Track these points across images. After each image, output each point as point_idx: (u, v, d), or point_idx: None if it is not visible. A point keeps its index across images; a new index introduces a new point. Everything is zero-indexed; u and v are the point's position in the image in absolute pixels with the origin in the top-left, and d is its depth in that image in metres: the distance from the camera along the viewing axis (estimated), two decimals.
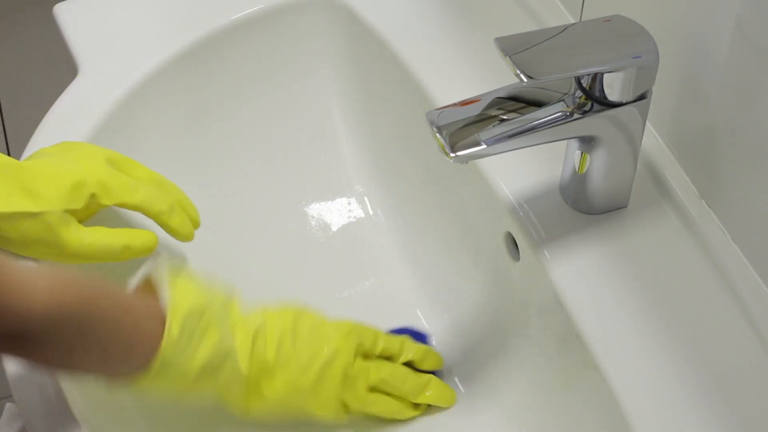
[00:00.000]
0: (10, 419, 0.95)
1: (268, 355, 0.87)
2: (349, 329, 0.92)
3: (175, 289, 0.83)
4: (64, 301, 0.74)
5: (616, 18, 0.86)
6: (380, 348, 0.93)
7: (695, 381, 0.83)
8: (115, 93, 1.02)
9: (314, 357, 0.89)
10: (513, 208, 0.94)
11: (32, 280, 0.73)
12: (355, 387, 0.91)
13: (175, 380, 0.82)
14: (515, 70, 0.81)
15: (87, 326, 0.77)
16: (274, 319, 0.89)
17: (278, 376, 0.88)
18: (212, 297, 0.85)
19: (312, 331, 0.90)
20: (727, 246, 0.89)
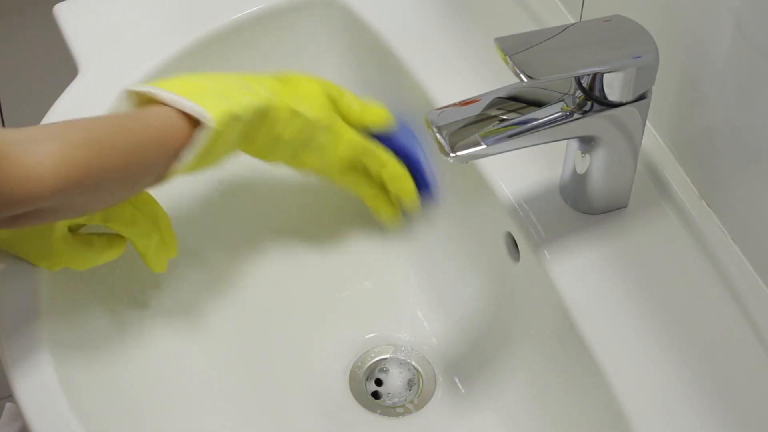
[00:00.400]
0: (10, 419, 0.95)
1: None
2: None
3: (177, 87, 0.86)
4: (75, 171, 0.77)
5: (616, 18, 0.86)
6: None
7: (695, 381, 0.83)
8: (115, 93, 1.02)
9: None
10: (513, 208, 0.94)
11: (38, 164, 0.75)
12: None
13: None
14: (515, 70, 0.81)
15: (105, 178, 0.80)
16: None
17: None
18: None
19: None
20: (727, 246, 0.89)
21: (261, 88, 0.91)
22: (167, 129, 0.84)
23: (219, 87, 0.88)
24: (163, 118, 0.84)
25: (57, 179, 0.77)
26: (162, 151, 0.84)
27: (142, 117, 0.84)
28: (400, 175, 0.99)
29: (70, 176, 0.77)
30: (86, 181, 0.78)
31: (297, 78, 0.96)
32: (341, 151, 0.96)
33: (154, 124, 0.84)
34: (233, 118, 0.86)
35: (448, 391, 0.99)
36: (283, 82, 0.95)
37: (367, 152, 0.98)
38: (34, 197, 0.76)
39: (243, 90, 0.89)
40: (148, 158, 0.83)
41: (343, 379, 1.00)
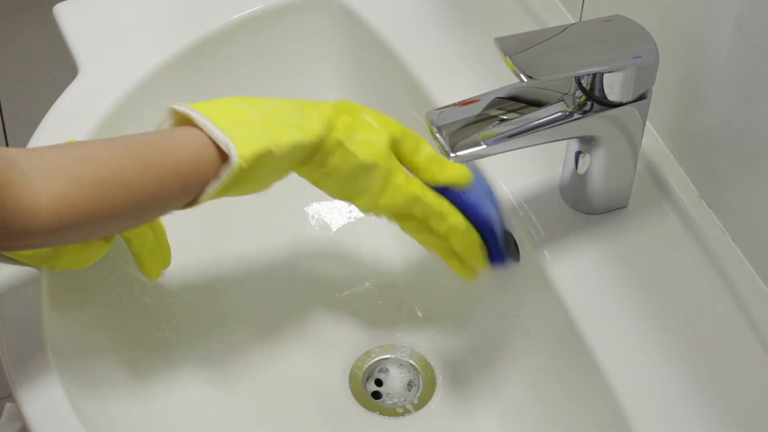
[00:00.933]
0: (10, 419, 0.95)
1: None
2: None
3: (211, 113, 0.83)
4: (71, 212, 0.75)
5: (616, 18, 0.86)
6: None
7: (695, 380, 0.83)
8: (115, 93, 1.02)
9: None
10: (513, 208, 0.94)
11: (37, 201, 0.74)
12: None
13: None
14: (515, 70, 0.81)
15: (108, 217, 0.78)
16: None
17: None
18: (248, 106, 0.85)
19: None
20: (727, 246, 0.89)
21: (316, 120, 0.86)
22: (193, 161, 0.81)
23: (265, 116, 0.84)
24: (191, 148, 0.81)
25: (52, 219, 0.75)
26: (183, 185, 0.81)
27: (166, 145, 0.81)
28: (463, 233, 0.90)
29: (69, 216, 0.76)
30: (88, 220, 0.77)
31: (364, 115, 0.89)
32: (386, 200, 0.89)
33: (177, 155, 0.80)
34: (264, 154, 0.82)
35: (448, 391, 0.99)
36: (349, 113, 0.88)
37: (422, 205, 0.89)
38: (28, 233, 0.75)
39: (292, 122, 0.85)
40: (163, 191, 0.80)
41: (343, 379, 1.00)
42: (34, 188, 0.74)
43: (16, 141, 1.55)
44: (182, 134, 0.82)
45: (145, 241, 0.91)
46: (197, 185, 0.82)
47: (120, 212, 0.79)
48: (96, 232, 0.80)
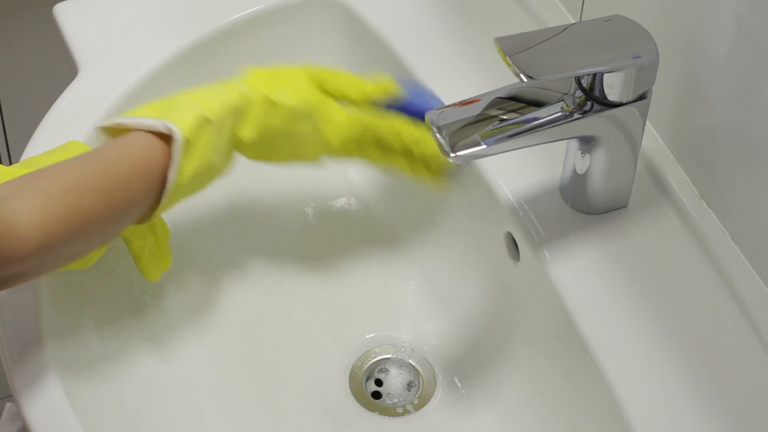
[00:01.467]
0: (10, 419, 0.95)
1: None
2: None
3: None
4: (57, 223, 0.76)
5: (616, 18, 0.86)
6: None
7: (695, 381, 0.83)
8: (115, 93, 1.02)
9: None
10: (513, 208, 0.94)
11: (19, 222, 0.74)
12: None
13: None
14: (515, 70, 0.81)
15: (86, 222, 0.78)
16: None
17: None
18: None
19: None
20: (727, 246, 0.89)
21: (237, 86, 0.89)
22: (146, 153, 0.82)
23: (190, 97, 0.86)
24: (140, 144, 0.82)
25: (40, 235, 0.75)
26: (147, 177, 0.82)
27: (119, 149, 0.82)
28: (419, 138, 0.93)
29: (53, 230, 0.76)
30: (71, 230, 0.77)
31: (279, 69, 0.93)
32: (334, 137, 0.93)
33: (132, 153, 0.82)
34: (202, 122, 0.84)
35: (448, 391, 0.99)
36: (264, 75, 0.92)
37: (370, 127, 0.93)
38: (19, 256, 0.74)
39: (215, 93, 0.87)
40: (132, 189, 0.81)
41: (343, 379, 1.00)
42: (13, 209, 0.74)
43: (16, 141, 1.55)
44: (124, 140, 0.83)
45: (145, 243, 0.91)
46: (158, 178, 0.83)
47: (95, 218, 0.79)
48: (83, 242, 0.80)
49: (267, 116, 0.89)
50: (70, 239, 0.77)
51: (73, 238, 0.78)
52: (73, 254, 0.80)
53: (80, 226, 0.78)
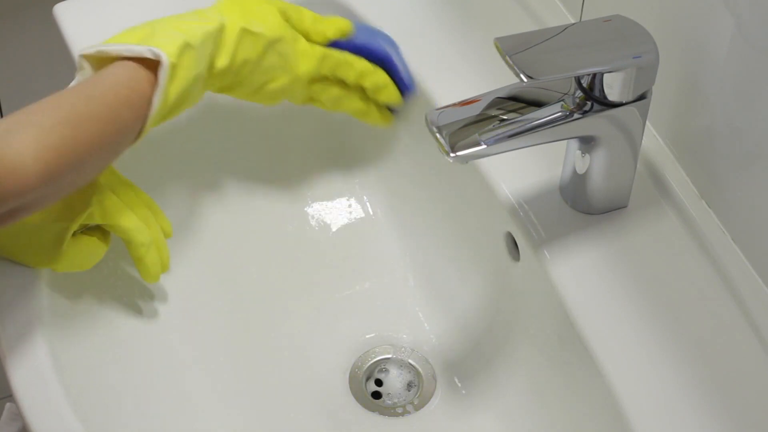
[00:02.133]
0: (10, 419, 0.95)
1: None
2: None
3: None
4: (56, 153, 0.77)
5: (616, 18, 0.86)
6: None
7: (695, 381, 0.83)
8: None
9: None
10: (513, 208, 0.94)
11: (20, 155, 0.76)
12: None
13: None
14: (515, 70, 0.81)
15: (84, 151, 0.80)
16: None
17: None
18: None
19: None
20: (727, 246, 0.89)
21: (213, 15, 0.91)
22: (132, 82, 0.84)
23: (170, 25, 0.88)
24: (125, 73, 0.84)
25: (41, 166, 0.77)
26: (134, 105, 0.84)
27: (104, 79, 0.84)
28: (371, 72, 0.99)
29: (53, 159, 0.77)
30: (69, 159, 0.79)
31: (250, 1, 0.95)
32: (303, 66, 0.96)
33: (118, 82, 0.84)
34: (185, 47, 0.86)
35: (448, 391, 0.99)
36: (236, 4, 0.94)
37: (330, 59, 0.97)
38: (23, 189, 0.76)
39: (194, 21, 0.89)
40: (122, 118, 0.83)
41: (343, 379, 1.00)
42: (12, 145, 0.76)
43: None
44: (110, 71, 0.85)
45: (144, 242, 0.91)
46: (144, 104, 0.84)
47: (91, 146, 0.81)
48: (82, 170, 0.81)
49: (241, 45, 0.92)
50: (70, 168, 0.79)
51: (72, 167, 0.79)
52: (72, 183, 0.82)
53: (77, 155, 0.79)
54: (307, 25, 0.97)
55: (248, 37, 0.92)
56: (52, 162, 0.78)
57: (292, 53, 0.95)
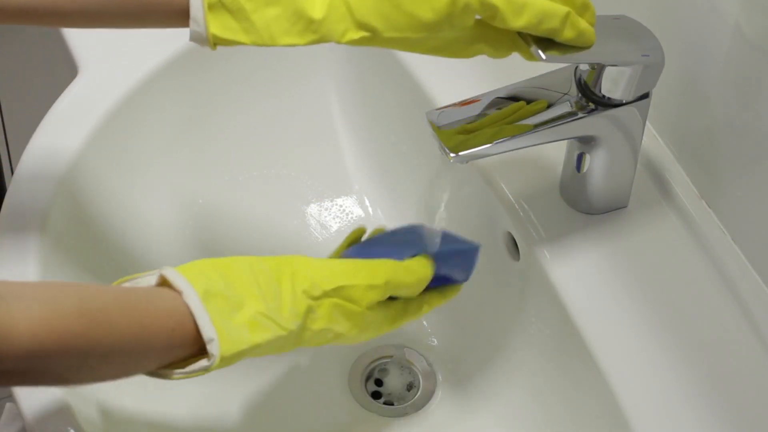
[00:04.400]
0: (10, 419, 0.95)
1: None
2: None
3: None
4: (52, 340, 0.71)
5: (623, 18, 0.86)
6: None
7: (695, 380, 0.83)
8: (115, 93, 1.02)
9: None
10: (513, 208, 0.94)
11: (13, 323, 0.70)
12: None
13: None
14: (533, 49, 0.80)
15: (90, 353, 0.74)
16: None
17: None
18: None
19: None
20: (727, 246, 0.89)
21: (287, 311, 0.80)
22: (175, 325, 0.76)
23: (255, 309, 0.79)
24: (175, 315, 0.77)
25: (32, 342, 0.71)
26: (170, 344, 0.77)
27: (153, 300, 0.77)
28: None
29: (48, 343, 0.71)
30: (68, 351, 0.72)
31: (340, 294, 0.83)
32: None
33: (166, 313, 0.76)
34: (239, 355, 0.78)
35: (448, 392, 0.99)
36: (324, 299, 0.82)
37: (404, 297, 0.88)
38: (5, 357, 0.70)
39: (269, 311, 0.79)
40: (147, 344, 0.76)
41: (342, 379, 1.00)
42: (11, 310, 0.70)
43: (16, 141, 1.55)
44: (162, 296, 0.77)
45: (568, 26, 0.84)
46: (181, 347, 0.77)
47: (102, 352, 0.74)
48: (75, 369, 0.75)
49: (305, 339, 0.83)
50: (68, 359, 0.73)
51: (69, 360, 0.73)
52: (66, 378, 0.75)
53: (80, 351, 0.73)
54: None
55: (318, 336, 0.82)
56: (46, 346, 0.71)
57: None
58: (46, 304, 0.72)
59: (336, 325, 0.82)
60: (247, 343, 0.78)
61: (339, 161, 1.12)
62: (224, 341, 0.77)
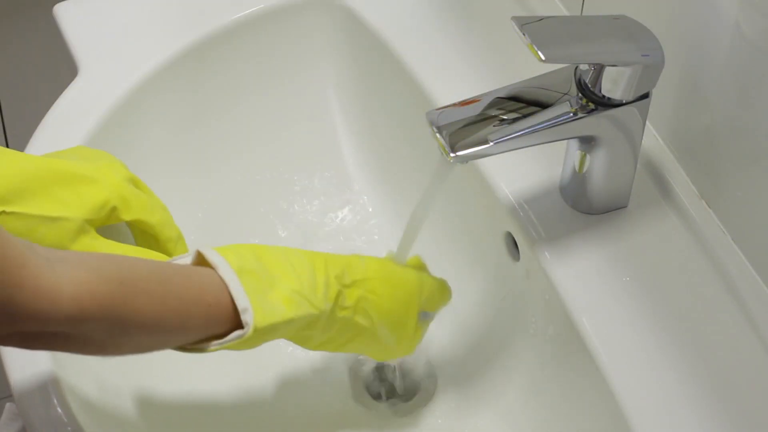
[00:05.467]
0: (10, 419, 0.95)
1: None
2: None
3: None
4: (94, 305, 0.72)
5: (623, 18, 0.86)
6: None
7: (695, 380, 0.83)
8: (115, 93, 1.02)
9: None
10: (513, 208, 0.94)
11: (58, 284, 0.70)
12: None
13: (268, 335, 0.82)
14: (534, 50, 0.80)
15: (130, 321, 0.74)
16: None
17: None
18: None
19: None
20: (727, 246, 0.89)
21: (321, 293, 0.83)
22: (212, 300, 0.78)
23: (290, 286, 0.82)
24: (212, 290, 0.78)
25: (74, 305, 0.71)
26: (208, 316, 0.78)
27: (193, 276, 0.78)
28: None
29: (90, 307, 0.72)
30: (110, 318, 0.73)
31: (369, 284, 0.87)
32: (405, 350, 0.92)
33: (204, 289, 0.78)
34: (273, 329, 0.80)
35: (448, 391, 0.99)
36: (355, 284, 0.86)
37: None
38: (45, 317, 0.71)
39: (303, 290, 0.82)
40: (185, 316, 0.77)
41: (343, 379, 1.00)
42: (56, 272, 0.71)
43: (16, 141, 1.55)
44: (201, 274, 0.79)
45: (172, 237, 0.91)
46: (218, 320, 0.79)
47: (140, 320, 0.75)
48: (115, 336, 0.76)
49: (334, 328, 0.86)
50: (108, 325, 0.74)
51: (110, 326, 0.74)
52: (105, 345, 0.76)
53: (122, 321, 0.74)
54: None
55: (347, 324, 0.86)
56: (88, 311, 0.72)
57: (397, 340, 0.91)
58: (90, 270, 0.73)
59: (361, 317, 0.85)
60: (281, 316, 0.80)
61: (339, 161, 1.12)
62: (258, 312, 0.79)
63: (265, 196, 1.09)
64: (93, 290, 0.72)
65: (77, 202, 0.86)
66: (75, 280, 0.71)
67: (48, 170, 0.86)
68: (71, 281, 0.71)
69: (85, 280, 0.72)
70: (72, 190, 0.86)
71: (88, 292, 0.72)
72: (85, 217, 0.86)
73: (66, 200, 0.86)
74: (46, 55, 1.47)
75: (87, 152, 0.92)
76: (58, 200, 0.86)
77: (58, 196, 0.86)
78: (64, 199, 0.86)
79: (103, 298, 0.72)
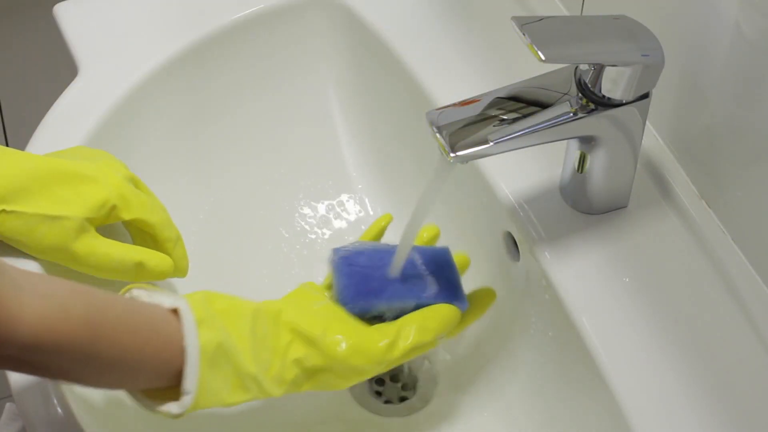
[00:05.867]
0: (10, 419, 0.95)
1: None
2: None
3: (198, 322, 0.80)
4: (49, 340, 0.72)
5: (623, 18, 0.86)
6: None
7: (695, 381, 0.83)
8: (115, 93, 1.02)
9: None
10: (513, 208, 0.94)
11: (19, 313, 0.71)
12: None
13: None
14: (532, 49, 0.80)
15: (91, 354, 0.75)
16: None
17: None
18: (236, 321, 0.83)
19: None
20: (727, 246, 0.89)
21: (275, 384, 0.84)
22: (168, 357, 0.79)
23: (249, 357, 0.82)
24: (172, 349, 0.79)
25: (29, 336, 0.72)
26: (154, 370, 0.79)
27: (159, 332, 0.79)
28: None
29: (45, 341, 0.72)
30: (66, 353, 0.74)
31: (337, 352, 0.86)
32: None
33: (164, 346, 0.79)
34: (210, 408, 0.82)
35: (448, 391, 0.99)
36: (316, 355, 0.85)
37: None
38: (5, 341, 0.71)
39: (258, 373, 0.83)
40: (137, 369, 0.78)
41: None
42: (22, 301, 0.71)
43: (16, 141, 1.55)
44: (170, 333, 0.79)
45: (171, 237, 0.92)
46: (161, 378, 0.80)
47: (100, 363, 0.76)
48: (77, 371, 0.76)
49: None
50: (69, 357, 0.74)
51: (71, 358, 0.74)
52: (69, 373, 0.77)
53: (83, 353, 0.75)
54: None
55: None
56: (43, 344, 0.72)
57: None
58: (54, 306, 0.73)
59: (321, 388, 0.86)
60: (222, 403, 0.82)
61: (339, 162, 1.12)
62: (202, 395, 0.80)
63: (266, 196, 1.09)
64: (52, 326, 0.73)
65: (77, 201, 0.86)
66: (37, 313, 0.72)
67: (48, 169, 0.86)
68: (33, 313, 0.72)
69: (47, 315, 0.72)
70: (72, 189, 0.87)
71: (46, 327, 0.72)
72: (85, 216, 0.87)
73: (66, 199, 0.86)
74: (46, 55, 1.47)
75: (87, 152, 0.92)
76: (58, 199, 0.86)
77: (58, 195, 0.86)
78: (64, 197, 0.86)
79: (59, 335, 0.73)
